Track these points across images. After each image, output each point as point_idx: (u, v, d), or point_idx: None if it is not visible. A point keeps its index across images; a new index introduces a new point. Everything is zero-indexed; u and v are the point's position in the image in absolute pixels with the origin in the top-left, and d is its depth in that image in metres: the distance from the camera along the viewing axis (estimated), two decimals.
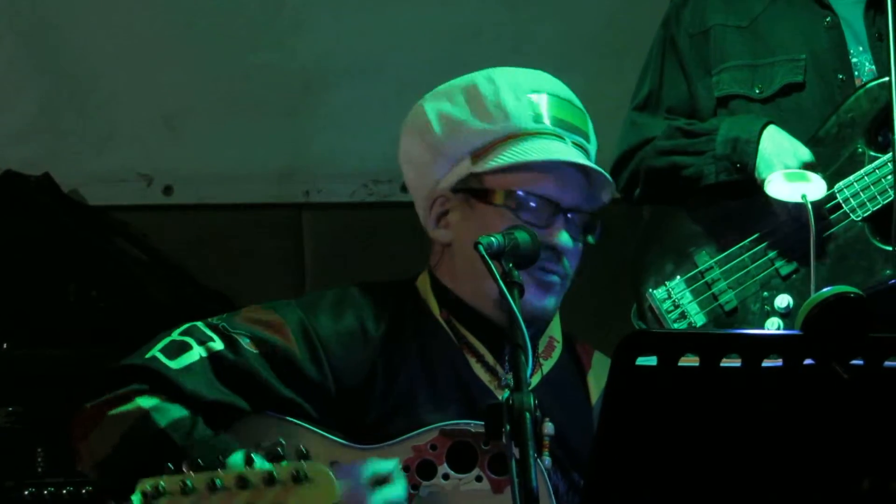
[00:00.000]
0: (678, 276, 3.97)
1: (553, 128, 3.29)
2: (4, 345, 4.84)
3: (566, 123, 3.30)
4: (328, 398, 3.21)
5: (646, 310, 4.00)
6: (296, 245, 5.55)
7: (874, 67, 3.91)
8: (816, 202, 3.78)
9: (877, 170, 3.82)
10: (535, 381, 3.31)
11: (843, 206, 3.86)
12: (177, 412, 3.05)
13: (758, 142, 3.85)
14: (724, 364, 2.57)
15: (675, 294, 3.96)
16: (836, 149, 3.88)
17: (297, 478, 2.75)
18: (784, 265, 3.89)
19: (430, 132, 3.32)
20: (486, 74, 3.34)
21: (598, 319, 4.18)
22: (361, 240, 5.51)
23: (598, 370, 3.41)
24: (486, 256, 3.00)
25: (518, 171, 3.25)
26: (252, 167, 5.46)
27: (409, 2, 5.43)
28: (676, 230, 4.02)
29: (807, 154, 3.83)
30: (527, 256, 3.13)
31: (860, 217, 3.85)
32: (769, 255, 3.91)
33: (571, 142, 3.29)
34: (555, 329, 3.41)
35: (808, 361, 2.58)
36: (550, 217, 3.25)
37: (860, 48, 3.94)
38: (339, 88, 5.44)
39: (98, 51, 5.36)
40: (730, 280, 3.92)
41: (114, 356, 3.22)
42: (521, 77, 3.34)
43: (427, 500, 3.13)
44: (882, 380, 2.59)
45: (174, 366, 3.11)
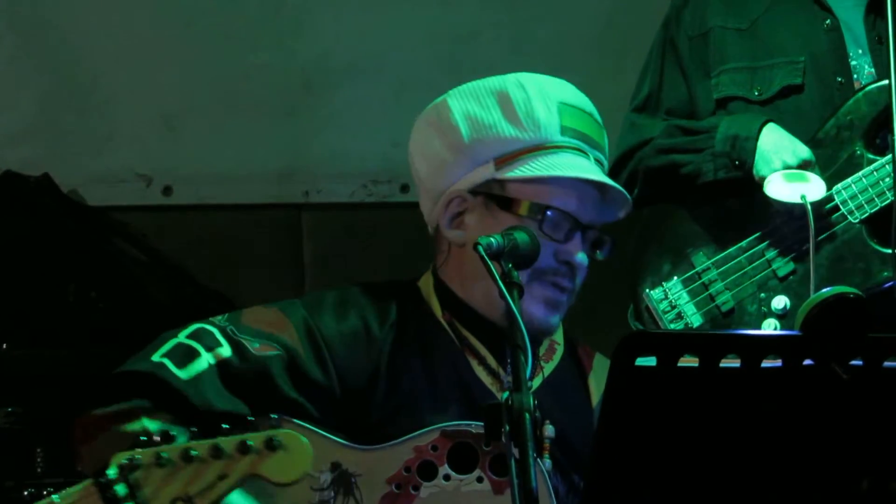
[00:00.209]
0: (675, 277, 3.97)
1: (577, 142, 3.29)
2: (4, 345, 4.85)
3: (589, 138, 3.31)
4: (332, 399, 3.21)
5: (642, 310, 4.00)
6: (295, 245, 5.55)
7: (874, 70, 3.92)
8: (815, 203, 3.79)
9: (875, 172, 3.83)
10: (536, 384, 3.31)
11: (841, 208, 3.86)
12: (181, 439, 3.04)
13: (757, 139, 3.86)
14: (724, 365, 2.57)
15: (672, 294, 3.96)
16: (835, 151, 3.88)
17: (272, 445, 2.74)
18: (781, 266, 3.89)
19: (454, 131, 3.30)
20: (516, 80, 3.33)
21: (595, 319, 4.18)
22: (361, 240, 5.51)
23: (600, 372, 3.40)
24: (486, 257, 3.01)
25: (543, 184, 3.25)
26: (251, 167, 5.46)
27: (409, 2, 5.42)
28: (674, 231, 4.02)
29: (806, 152, 3.83)
30: (526, 257, 3.13)
31: (858, 219, 3.85)
32: (766, 257, 3.91)
33: (593, 158, 3.30)
34: (556, 332, 3.41)
35: (808, 362, 2.58)
36: (569, 232, 3.26)
37: (860, 51, 3.95)
38: (339, 89, 5.43)
39: (98, 51, 5.36)
40: (727, 281, 3.93)
41: (113, 357, 3.21)
42: (550, 87, 3.33)
43: (428, 501, 3.13)
44: (881, 380, 2.59)
45: (183, 375, 3.10)
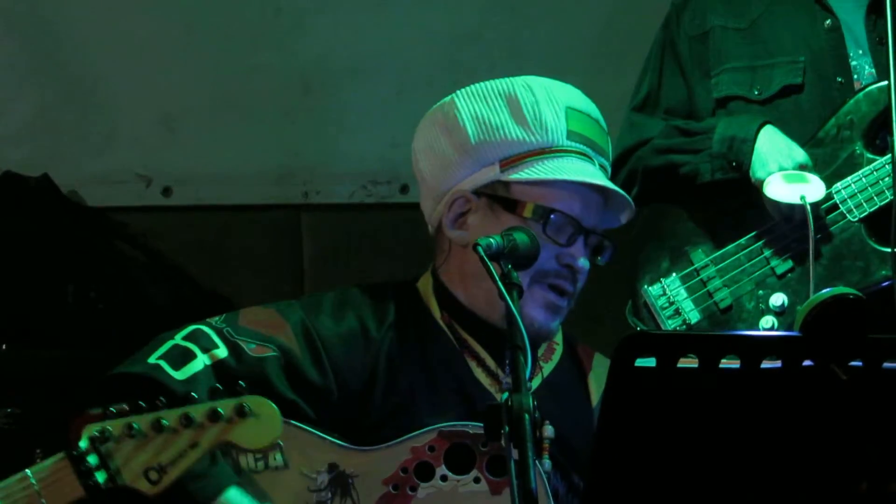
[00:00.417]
0: (674, 274, 3.97)
1: (583, 147, 3.30)
2: (3, 346, 4.84)
3: (594, 144, 3.32)
4: (329, 400, 3.21)
5: (641, 306, 4.00)
6: (294, 246, 5.54)
7: (874, 71, 3.92)
8: (815, 203, 3.79)
9: (874, 171, 3.83)
10: (536, 384, 3.31)
11: (840, 207, 3.86)
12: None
13: (754, 141, 3.86)
14: (723, 365, 2.57)
15: (671, 291, 3.96)
16: (835, 150, 3.88)
17: (242, 412, 2.75)
18: (780, 264, 3.90)
19: (461, 131, 3.31)
20: (524, 83, 3.34)
21: (593, 316, 4.18)
22: (360, 241, 5.51)
23: (599, 372, 3.41)
24: (486, 258, 3.01)
25: (548, 187, 3.26)
26: (251, 168, 5.46)
27: (408, 3, 5.42)
28: (672, 228, 4.02)
29: (802, 155, 3.83)
30: (526, 258, 3.13)
31: (857, 218, 3.85)
32: (765, 254, 3.91)
33: (598, 163, 3.31)
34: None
35: (807, 363, 2.58)
36: (573, 236, 3.26)
37: (860, 51, 3.95)
38: (339, 90, 5.43)
39: (97, 52, 5.35)
40: (725, 278, 3.93)
41: (112, 357, 3.22)
42: (558, 91, 3.34)
43: (425, 502, 3.13)
44: (881, 381, 2.59)
45: (178, 377, 3.10)
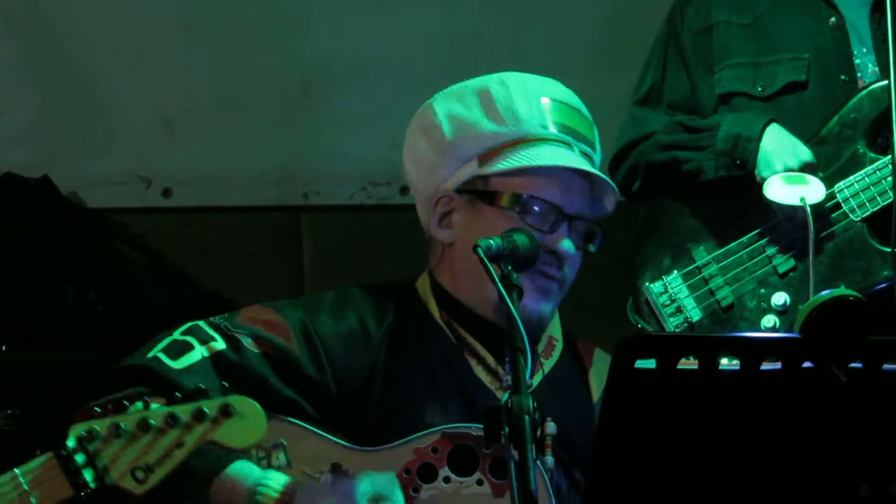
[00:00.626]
0: (675, 271, 3.97)
1: (561, 135, 3.31)
2: (3, 347, 4.84)
3: (574, 132, 3.32)
4: (329, 398, 3.22)
5: (642, 304, 4.00)
6: (294, 248, 5.54)
7: (877, 69, 3.91)
8: (815, 204, 3.79)
9: (877, 171, 3.82)
10: (537, 381, 3.32)
11: (843, 206, 3.86)
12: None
13: (759, 140, 3.86)
14: (723, 367, 2.58)
15: (672, 288, 3.96)
16: (838, 148, 3.88)
17: (227, 412, 2.78)
18: (782, 263, 3.90)
19: (439, 132, 3.33)
20: (499, 78, 3.36)
21: (594, 313, 4.18)
22: (360, 242, 5.51)
23: (600, 367, 3.42)
24: (485, 259, 3.01)
25: (525, 175, 3.27)
26: (251, 170, 5.46)
27: (408, 5, 5.42)
28: (674, 225, 4.02)
29: (807, 154, 3.83)
30: (526, 259, 3.14)
31: (859, 217, 3.85)
32: (767, 253, 3.91)
33: (578, 150, 3.31)
34: (554, 328, 3.42)
35: (807, 364, 2.58)
36: (554, 223, 3.26)
37: (864, 49, 3.95)
38: (338, 91, 5.43)
39: (97, 53, 5.35)
40: (727, 276, 3.93)
41: (112, 359, 3.23)
42: (533, 83, 3.36)
43: None
44: (881, 383, 2.59)
45: (176, 366, 3.12)
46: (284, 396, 3.19)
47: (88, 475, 2.76)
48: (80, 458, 2.76)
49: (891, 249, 3.72)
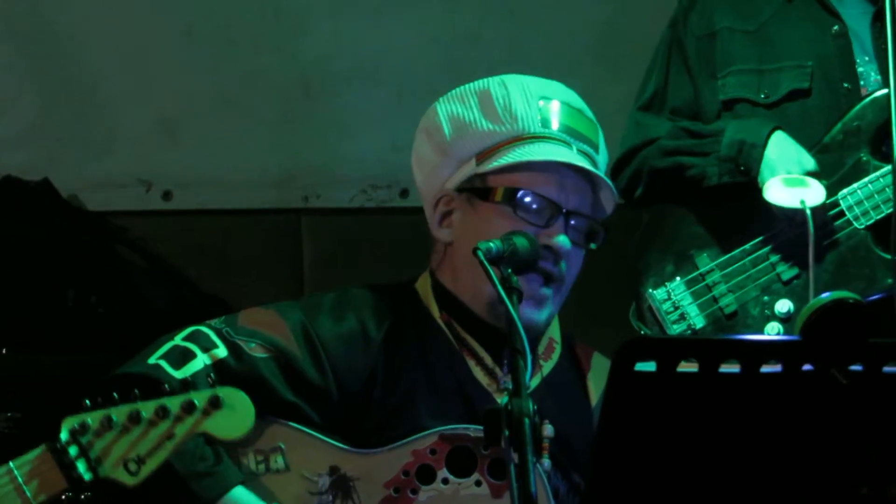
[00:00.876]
0: (678, 278, 3.96)
1: (560, 134, 3.31)
2: (3, 350, 4.84)
3: (574, 131, 3.32)
4: (330, 401, 3.21)
5: (645, 310, 3.99)
6: (295, 250, 5.54)
7: (880, 77, 3.90)
8: (816, 208, 3.78)
9: (881, 178, 3.81)
10: (535, 383, 3.31)
11: (847, 214, 3.85)
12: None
13: (764, 146, 3.85)
14: (723, 370, 2.57)
15: (676, 295, 3.95)
16: (841, 156, 3.87)
17: (216, 403, 2.80)
18: (786, 270, 3.88)
19: (440, 133, 3.34)
20: (500, 80, 3.37)
21: (597, 319, 4.17)
22: (360, 245, 5.51)
23: (598, 371, 3.42)
24: (485, 262, 3.01)
25: (520, 171, 3.27)
26: (251, 172, 5.45)
27: (409, 7, 5.42)
28: (677, 231, 4.01)
29: (811, 163, 3.82)
30: (526, 262, 3.14)
31: (863, 225, 3.84)
32: (771, 260, 3.90)
33: (577, 149, 3.30)
34: (554, 330, 3.42)
35: (807, 367, 2.58)
36: (551, 218, 3.26)
37: (866, 58, 3.94)
38: (339, 93, 5.43)
39: (98, 55, 5.35)
40: (730, 283, 3.92)
41: (113, 362, 3.23)
42: (534, 84, 3.36)
43: None
44: (881, 385, 2.59)
45: (178, 375, 3.11)
46: (286, 400, 3.19)
47: (82, 467, 2.79)
48: (74, 451, 2.79)
49: (891, 257, 3.71)
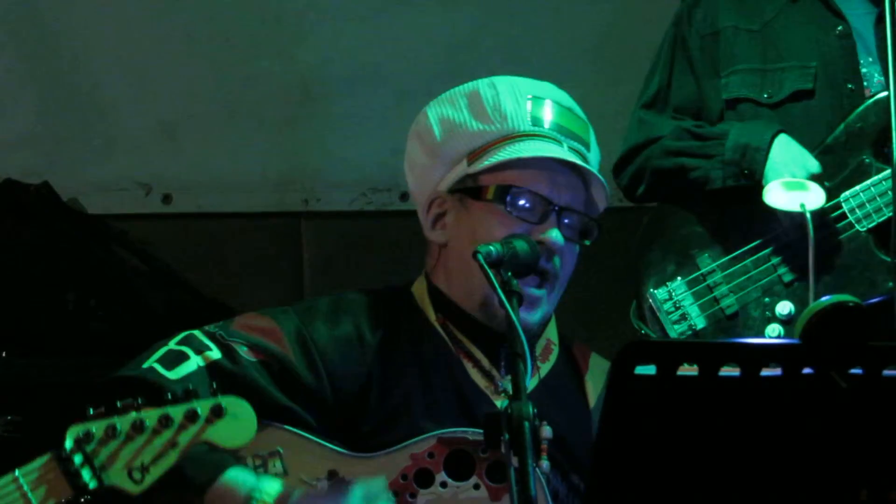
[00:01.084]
0: (679, 278, 3.96)
1: (551, 132, 3.31)
2: (3, 353, 4.84)
3: (565, 129, 3.32)
4: (325, 405, 3.21)
5: (645, 310, 3.98)
6: (294, 254, 5.54)
7: (883, 79, 3.89)
8: (816, 211, 3.77)
9: (883, 181, 3.80)
10: (533, 385, 3.31)
11: (849, 217, 3.85)
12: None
13: (768, 150, 3.85)
14: (723, 373, 2.57)
15: (677, 295, 3.95)
16: (844, 158, 3.87)
17: (219, 412, 2.81)
18: (787, 272, 3.88)
19: (431, 135, 3.35)
20: (490, 81, 3.37)
21: (597, 318, 4.17)
22: (360, 248, 5.51)
23: (596, 372, 3.42)
24: (485, 265, 3.01)
25: (512, 169, 3.28)
26: (251, 176, 5.46)
27: (409, 11, 5.42)
28: (679, 231, 4.01)
29: (815, 166, 3.81)
30: (526, 265, 3.14)
31: (865, 228, 3.84)
32: (772, 262, 3.90)
33: (568, 146, 3.30)
34: (551, 332, 3.42)
35: (807, 370, 2.58)
36: (543, 215, 3.26)
37: (870, 59, 3.94)
38: (339, 97, 5.43)
39: (97, 59, 5.35)
40: (732, 284, 3.92)
41: (112, 365, 3.23)
42: (524, 84, 3.37)
43: None
44: (881, 389, 2.59)
45: (172, 376, 3.12)
46: (281, 404, 3.19)
47: (87, 475, 2.79)
48: (79, 459, 2.79)
49: (892, 260, 3.70)
